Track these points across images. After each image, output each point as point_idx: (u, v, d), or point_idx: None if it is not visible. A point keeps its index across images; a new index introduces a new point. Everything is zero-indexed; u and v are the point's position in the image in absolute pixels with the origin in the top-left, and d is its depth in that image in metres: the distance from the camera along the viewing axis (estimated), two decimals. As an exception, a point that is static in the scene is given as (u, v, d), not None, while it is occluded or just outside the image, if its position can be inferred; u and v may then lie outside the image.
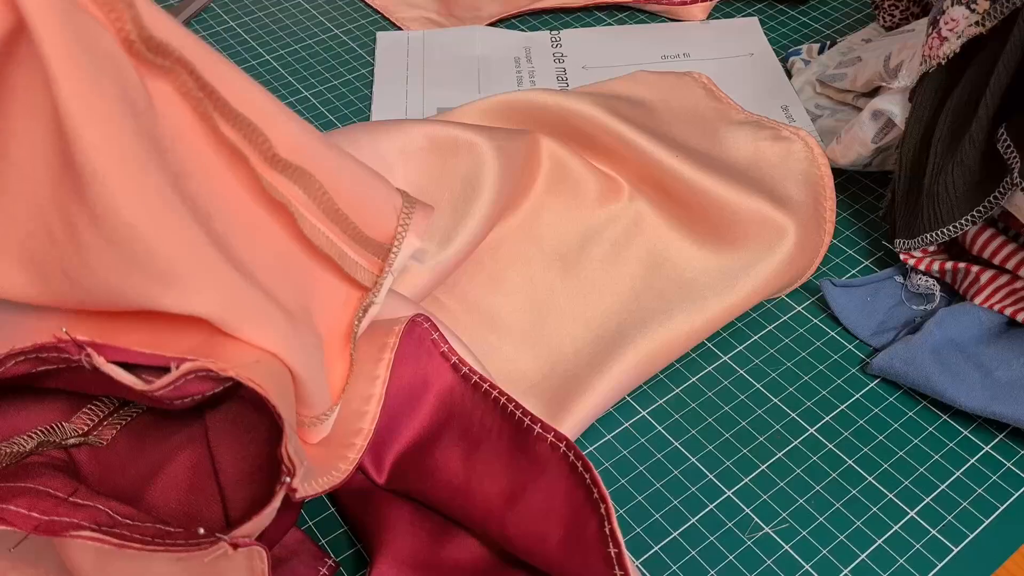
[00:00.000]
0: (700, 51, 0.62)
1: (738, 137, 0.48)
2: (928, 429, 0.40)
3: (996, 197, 0.40)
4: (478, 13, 0.66)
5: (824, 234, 0.46)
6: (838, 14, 0.65)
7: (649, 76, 0.52)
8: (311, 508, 0.38)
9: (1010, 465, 0.39)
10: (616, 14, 0.66)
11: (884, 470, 0.39)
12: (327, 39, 0.64)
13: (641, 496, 0.38)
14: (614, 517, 0.29)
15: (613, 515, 0.29)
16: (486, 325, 0.43)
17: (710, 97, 0.52)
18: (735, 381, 0.42)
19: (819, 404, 0.41)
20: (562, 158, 0.47)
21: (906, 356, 0.40)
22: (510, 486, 0.33)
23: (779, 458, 0.39)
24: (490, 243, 0.46)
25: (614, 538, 0.29)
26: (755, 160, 0.47)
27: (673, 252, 0.45)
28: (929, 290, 0.44)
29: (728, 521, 0.37)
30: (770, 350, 0.44)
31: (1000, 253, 0.42)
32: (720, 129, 0.49)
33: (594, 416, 0.40)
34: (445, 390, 0.35)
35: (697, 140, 0.48)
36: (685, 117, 0.50)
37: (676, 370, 0.43)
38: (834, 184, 0.47)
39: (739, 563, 0.36)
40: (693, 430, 0.40)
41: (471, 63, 0.61)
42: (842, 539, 0.36)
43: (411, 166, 0.44)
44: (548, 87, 0.58)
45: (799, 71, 0.58)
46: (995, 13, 0.40)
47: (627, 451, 0.40)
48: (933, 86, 0.44)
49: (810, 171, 0.47)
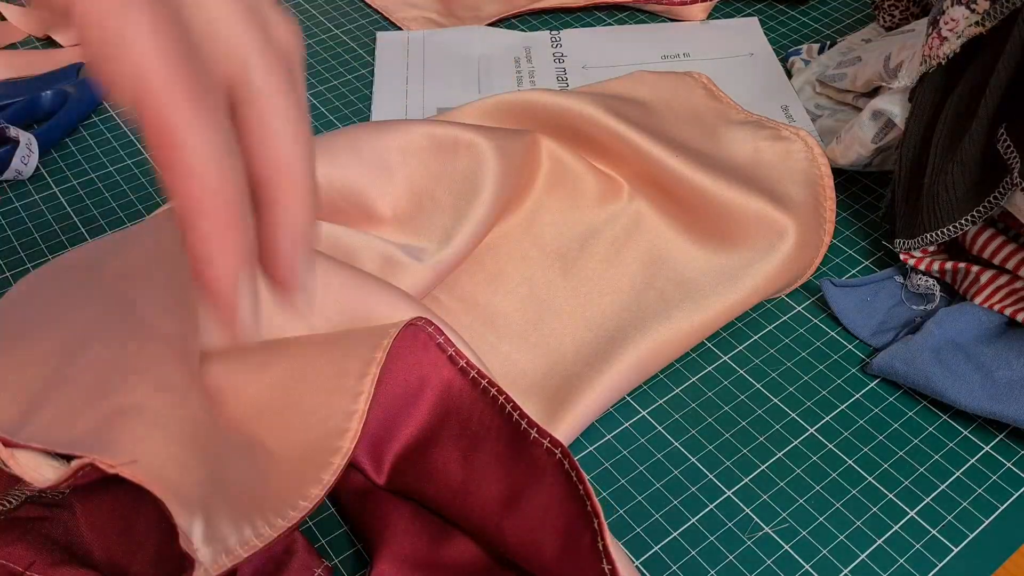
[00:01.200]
0: (700, 51, 0.62)
1: (738, 137, 0.49)
2: (928, 429, 0.40)
3: (996, 197, 0.40)
4: (478, 13, 0.66)
5: (824, 234, 0.46)
6: (838, 14, 0.65)
7: (649, 76, 0.52)
8: (311, 508, 0.38)
9: (1010, 465, 0.39)
10: (616, 14, 0.66)
11: (884, 470, 0.39)
12: (327, 39, 0.64)
13: (641, 496, 0.38)
14: (607, 533, 0.29)
15: (606, 531, 0.29)
16: (486, 324, 0.43)
17: (710, 97, 0.52)
18: (735, 381, 0.42)
19: (819, 404, 0.41)
20: (562, 158, 0.47)
21: (906, 356, 0.40)
22: (508, 490, 0.33)
23: (779, 458, 0.39)
24: (490, 242, 0.46)
25: (607, 555, 0.29)
26: (755, 160, 0.47)
27: (673, 252, 0.45)
28: (929, 290, 0.44)
29: (728, 521, 0.37)
30: (770, 350, 0.44)
31: (1000, 253, 0.42)
32: (720, 129, 0.49)
33: (594, 416, 0.40)
34: (443, 384, 0.35)
35: (697, 140, 0.48)
36: (685, 117, 0.50)
37: (676, 370, 0.43)
38: (834, 184, 0.47)
39: (739, 563, 0.36)
40: (693, 430, 0.40)
41: (471, 63, 0.61)
42: (842, 539, 0.36)
43: (412, 165, 0.44)
44: (548, 87, 0.58)
45: (799, 71, 0.58)
46: (995, 13, 0.40)
47: (627, 451, 0.40)
48: (933, 86, 0.44)
49: (810, 171, 0.47)
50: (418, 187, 0.44)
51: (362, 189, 0.43)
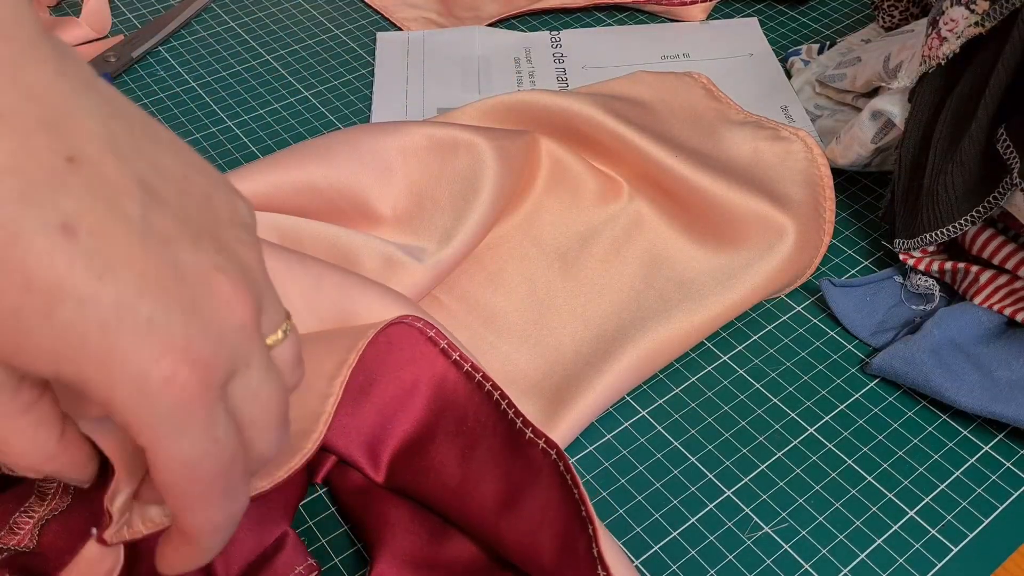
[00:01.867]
0: (700, 51, 0.62)
1: (737, 137, 0.49)
2: (928, 429, 0.40)
3: (995, 197, 0.40)
4: (478, 13, 0.66)
5: (823, 234, 0.46)
6: (837, 14, 0.65)
7: (648, 76, 0.52)
8: (311, 508, 0.38)
9: (1009, 465, 0.39)
10: (616, 14, 0.66)
11: (884, 470, 0.39)
12: (327, 39, 0.64)
13: (641, 496, 0.38)
14: (601, 538, 0.29)
15: (600, 536, 0.29)
16: (485, 324, 0.43)
17: (709, 97, 0.52)
18: (735, 381, 0.42)
19: (819, 404, 0.41)
20: (562, 158, 0.47)
21: (906, 356, 0.40)
22: (506, 490, 0.33)
23: (779, 458, 0.39)
24: (490, 242, 0.46)
25: (602, 562, 0.29)
26: (754, 160, 0.47)
27: (672, 251, 0.45)
28: (928, 290, 0.44)
29: (728, 521, 0.37)
30: (770, 350, 0.44)
31: (1000, 253, 0.42)
32: (719, 129, 0.49)
33: (594, 415, 0.40)
34: (437, 378, 0.35)
35: (696, 140, 0.48)
36: (684, 117, 0.50)
37: (676, 370, 0.43)
38: (834, 184, 0.47)
39: (739, 563, 0.36)
40: (693, 430, 0.40)
41: (471, 63, 0.61)
42: (842, 539, 0.36)
43: (411, 166, 0.44)
44: (548, 87, 0.58)
45: (799, 71, 0.58)
46: (994, 13, 0.40)
47: (627, 451, 0.40)
48: (933, 86, 0.44)
49: (809, 171, 0.47)
50: (418, 187, 0.44)
51: (362, 189, 0.43)
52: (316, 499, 0.38)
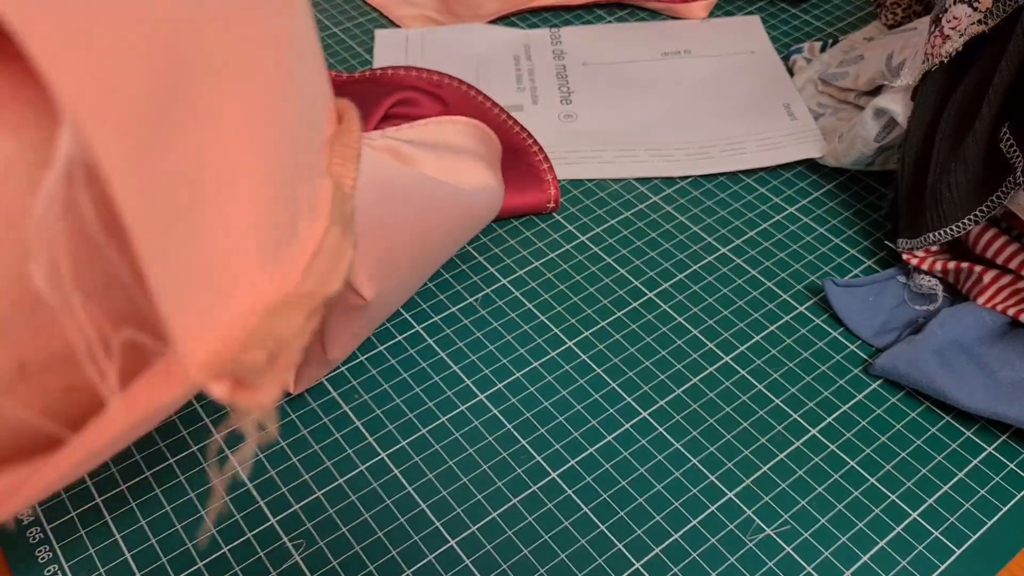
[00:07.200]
0: (701, 49, 0.61)
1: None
2: (931, 430, 0.40)
3: (999, 196, 0.39)
4: (477, 11, 0.66)
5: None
6: (840, 12, 0.65)
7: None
8: (310, 512, 0.37)
9: (1013, 466, 0.39)
10: (616, 12, 0.65)
11: (886, 471, 0.38)
12: (325, 37, 0.63)
13: (642, 498, 0.38)
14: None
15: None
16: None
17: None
18: (736, 382, 0.42)
19: (821, 405, 0.41)
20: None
21: (909, 357, 0.40)
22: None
23: (781, 459, 0.39)
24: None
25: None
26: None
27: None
28: (932, 290, 0.44)
29: (729, 523, 0.37)
30: (772, 351, 0.43)
31: (1003, 253, 0.42)
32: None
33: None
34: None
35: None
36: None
37: (677, 371, 0.43)
38: (836, 183, 0.46)
39: (740, 565, 0.35)
40: (694, 431, 0.40)
41: (470, 61, 0.61)
42: (844, 541, 0.36)
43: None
44: (548, 84, 0.58)
45: (801, 69, 0.58)
46: (997, 11, 0.40)
47: (628, 452, 0.39)
48: (935, 85, 0.44)
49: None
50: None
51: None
52: (316, 500, 0.38)
